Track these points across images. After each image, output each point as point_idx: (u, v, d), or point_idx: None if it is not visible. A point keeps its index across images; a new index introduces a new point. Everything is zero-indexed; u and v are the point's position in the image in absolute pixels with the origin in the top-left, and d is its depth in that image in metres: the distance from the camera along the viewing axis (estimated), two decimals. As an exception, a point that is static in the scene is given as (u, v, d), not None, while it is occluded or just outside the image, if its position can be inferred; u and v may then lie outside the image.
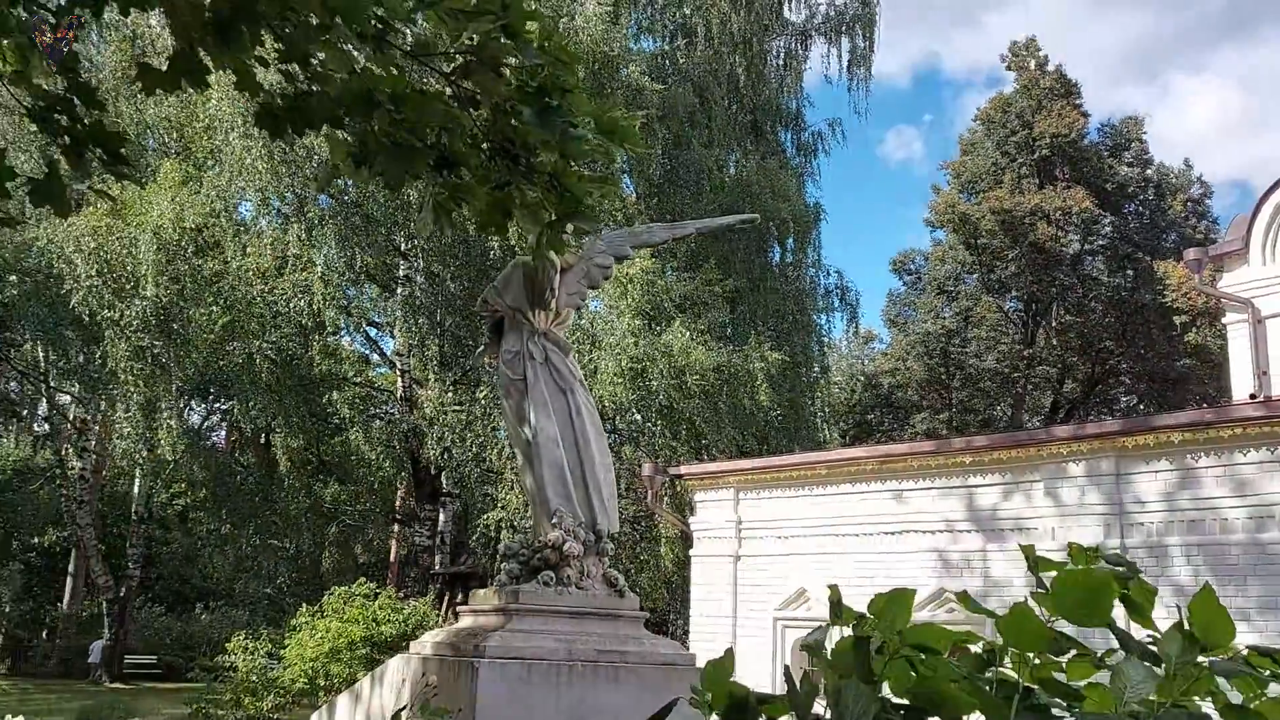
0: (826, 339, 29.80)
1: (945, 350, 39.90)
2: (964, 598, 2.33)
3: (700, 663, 6.51)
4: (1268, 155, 73.39)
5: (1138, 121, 38.13)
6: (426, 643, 6.37)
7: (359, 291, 24.32)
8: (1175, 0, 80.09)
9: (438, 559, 26.59)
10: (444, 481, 26.10)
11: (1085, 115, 36.81)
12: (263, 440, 27.38)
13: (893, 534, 14.10)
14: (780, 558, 15.48)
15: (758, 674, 14.47)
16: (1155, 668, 1.88)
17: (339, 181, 20.93)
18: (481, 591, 6.57)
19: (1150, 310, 36.23)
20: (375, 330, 26.70)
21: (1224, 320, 16.44)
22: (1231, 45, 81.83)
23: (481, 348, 6.95)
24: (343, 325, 23.47)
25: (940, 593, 13.25)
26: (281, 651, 17.67)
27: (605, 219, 20.56)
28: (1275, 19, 79.93)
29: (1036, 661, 1.96)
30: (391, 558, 33.61)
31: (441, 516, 26.59)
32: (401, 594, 20.12)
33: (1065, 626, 1.93)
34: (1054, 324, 38.96)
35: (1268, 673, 1.95)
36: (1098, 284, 37.85)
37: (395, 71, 3.72)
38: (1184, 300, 33.23)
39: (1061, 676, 1.99)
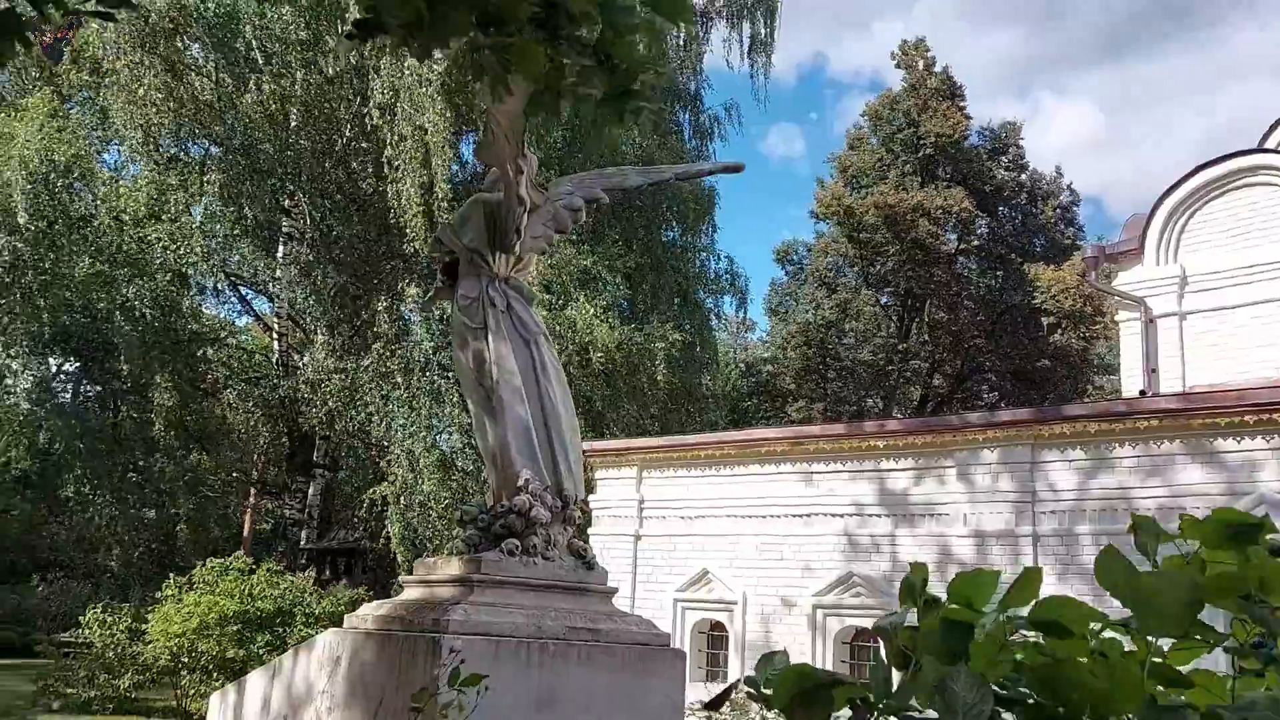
0: (719, 322, 29.81)
1: (823, 341, 40.50)
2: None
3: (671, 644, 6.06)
4: (1121, 174, 77.69)
5: (1016, 127, 39.45)
6: (367, 616, 5.71)
7: (234, 246, 22.82)
8: (1047, 24, 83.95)
9: (304, 534, 25.39)
10: (315, 453, 24.90)
11: (968, 117, 37.84)
12: (118, 402, 25.48)
13: (800, 516, 13.98)
14: (683, 538, 15.21)
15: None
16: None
17: (222, 125, 19.53)
18: (430, 560, 5.94)
19: (1018, 311, 37.60)
20: (250, 291, 25.16)
21: (1116, 319, 16.94)
22: (1096, 71, 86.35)
23: (431, 292, 6.28)
24: (220, 285, 21.97)
25: (848, 576, 13.21)
26: (144, 626, 16.35)
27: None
28: (1138, 50, 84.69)
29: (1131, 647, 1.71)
30: (245, 533, 31.96)
31: (311, 489, 25.40)
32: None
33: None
34: (927, 320, 39.99)
35: None
36: (970, 283, 39.04)
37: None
38: (1053, 302, 34.55)
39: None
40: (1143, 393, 15.00)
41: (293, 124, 20.00)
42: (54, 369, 24.43)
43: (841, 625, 13.29)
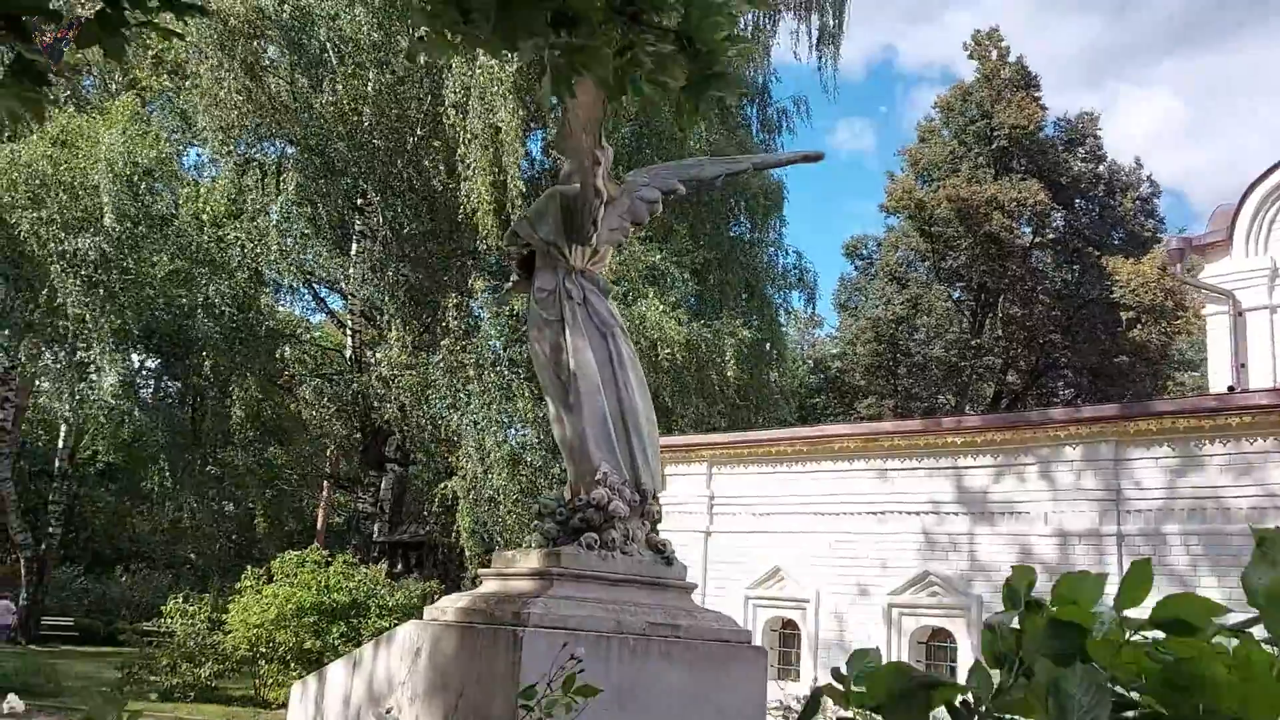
0: (787, 318, 29.53)
1: (893, 336, 39.94)
2: None
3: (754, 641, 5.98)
4: (1203, 165, 75.32)
5: (1093, 118, 38.46)
6: (446, 608, 5.72)
7: (308, 245, 23.26)
8: (1125, 12, 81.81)
9: (376, 527, 25.75)
10: (387, 448, 25.23)
11: (1043, 108, 36.98)
12: (199, 397, 26.15)
13: (875, 514, 13.77)
14: (754, 535, 15.08)
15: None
16: None
17: (299, 126, 19.86)
18: (508, 553, 5.93)
19: (1095, 305, 36.64)
20: (324, 289, 25.62)
21: (1202, 313, 16.39)
22: (1175, 60, 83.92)
23: (509, 284, 6.28)
24: (295, 283, 22.39)
25: (924, 575, 12.97)
26: (224, 617, 16.74)
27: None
28: (1219, 38, 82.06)
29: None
30: (318, 526, 32.51)
31: (383, 483, 25.74)
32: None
33: None
34: (1000, 315, 39.19)
35: None
36: (1045, 277, 38.17)
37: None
38: (1132, 297, 33.60)
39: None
40: (1231, 388, 14.47)
41: (365, 123, 20.31)
42: (137, 365, 25.16)
43: (918, 624, 13.06)
